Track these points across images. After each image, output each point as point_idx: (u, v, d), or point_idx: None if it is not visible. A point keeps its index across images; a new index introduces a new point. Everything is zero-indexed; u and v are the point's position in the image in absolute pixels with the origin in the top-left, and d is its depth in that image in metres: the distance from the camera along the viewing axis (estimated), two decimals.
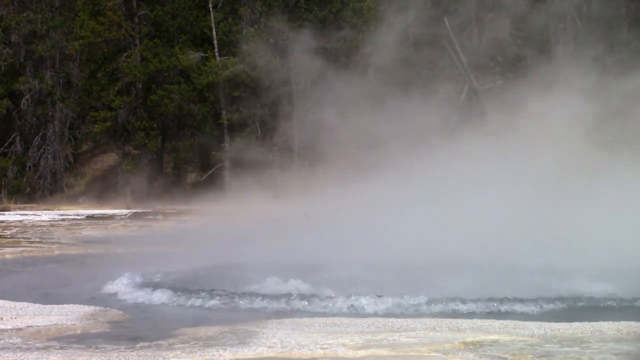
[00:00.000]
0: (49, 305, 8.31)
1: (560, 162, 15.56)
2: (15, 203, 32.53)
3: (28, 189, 35.93)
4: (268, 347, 6.17)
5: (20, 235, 18.46)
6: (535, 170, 15.19)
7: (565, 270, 9.97)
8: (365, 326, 7.06)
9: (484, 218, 12.84)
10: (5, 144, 36.98)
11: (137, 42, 35.54)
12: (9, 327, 7.01)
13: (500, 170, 14.90)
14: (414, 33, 31.48)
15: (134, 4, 35.80)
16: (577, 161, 15.48)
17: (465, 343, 6.25)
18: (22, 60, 37.42)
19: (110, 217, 24.85)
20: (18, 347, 6.28)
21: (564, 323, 7.01)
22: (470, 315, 7.88)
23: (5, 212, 27.29)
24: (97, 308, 8.10)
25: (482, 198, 13.94)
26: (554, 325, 6.92)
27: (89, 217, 24.69)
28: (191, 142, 35.22)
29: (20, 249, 15.31)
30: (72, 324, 7.25)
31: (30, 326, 7.08)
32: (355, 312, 8.09)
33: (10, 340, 6.52)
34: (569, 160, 15.56)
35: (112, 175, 37.23)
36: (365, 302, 8.30)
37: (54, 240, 17.33)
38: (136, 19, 35.83)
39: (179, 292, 8.93)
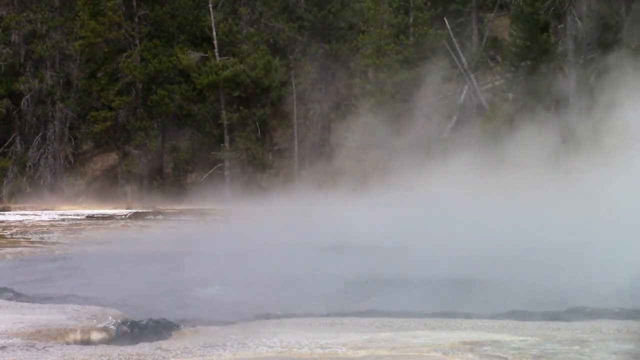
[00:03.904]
0: (48, 305, 8.32)
1: None
2: (15, 203, 32.51)
3: (28, 189, 35.92)
4: (268, 347, 6.16)
5: (20, 236, 18.45)
6: None
7: None
8: (365, 326, 7.06)
9: None
10: (5, 144, 36.97)
11: (137, 42, 35.53)
12: (9, 327, 7.01)
13: None
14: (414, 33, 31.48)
15: (134, 4, 35.79)
16: None
17: (465, 343, 6.24)
18: (22, 60, 37.41)
19: (111, 217, 24.84)
20: (18, 347, 6.28)
21: (564, 323, 7.01)
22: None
23: (5, 212, 27.27)
24: (98, 308, 8.10)
25: None
26: (553, 325, 6.92)
27: (89, 217, 24.68)
28: (191, 142, 35.21)
29: (20, 249, 15.30)
30: (72, 324, 7.25)
31: (31, 326, 7.07)
32: None
33: (10, 340, 6.52)
34: None
35: (112, 175, 37.22)
36: None
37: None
38: (136, 19, 35.82)
39: None
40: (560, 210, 15.70)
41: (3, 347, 6.25)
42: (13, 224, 22.10)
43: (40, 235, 18.38)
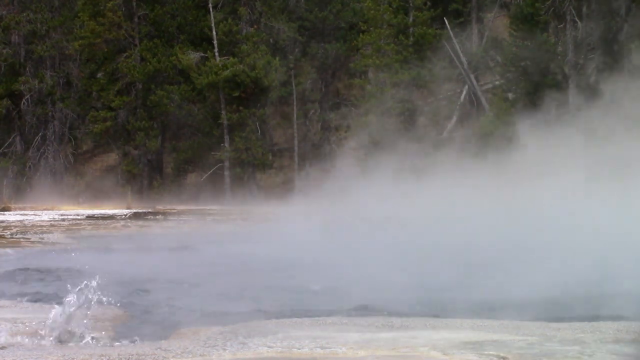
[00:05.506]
0: (48, 305, 8.30)
1: None
2: (15, 203, 32.49)
3: (28, 189, 35.93)
4: (268, 347, 6.15)
5: (20, 236, 18.43)
6: None
7: None
8: (365, 326, 7.05)
9: None
10: (5, 144, 36.98)
11: (136, 42, 35.53)
12: (9, 327, 7.00)
13: None
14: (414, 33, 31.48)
15: (134, 4, 35.78)
16: None
17: (465, 343, 6.23)
18: (22, 60, 37.42)
19: (111, 217, 24.84)
20: (18, 347, 6.28)
21: (564, 323, 7.00)
22: None
23: (5, 212, 27.26)
24: (98, 308, 8.09)
25: None
26: (553, 325, 6.91)
27: (89, 217, 24.68)
28: (191, 142, 35.21)
29: (21, 249, 15.28)
30: (73, 324, 7.24)
31: (30, 326, 7.07)
32: None
33: (11, 340, 6.52)
34: None
35: (112, 175, 37.21)
36: None
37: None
38: (136, 19, 35.82)
39: None
40: None
41: (3, 347, 6.24)
42: (13, 224, 22.08)
43: (40, 236, 18.36)
